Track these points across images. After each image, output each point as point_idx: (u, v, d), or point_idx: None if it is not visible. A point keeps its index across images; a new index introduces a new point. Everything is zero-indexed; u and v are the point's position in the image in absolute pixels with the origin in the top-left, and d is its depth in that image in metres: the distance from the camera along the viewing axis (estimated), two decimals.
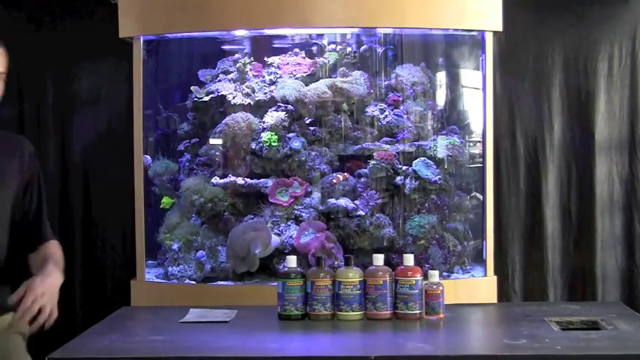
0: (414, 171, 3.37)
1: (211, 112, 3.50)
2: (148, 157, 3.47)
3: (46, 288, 2.03)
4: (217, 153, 3.46)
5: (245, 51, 3.54)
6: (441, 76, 3.59)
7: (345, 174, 3.39)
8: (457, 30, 3.35)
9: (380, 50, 3.50)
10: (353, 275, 2.25)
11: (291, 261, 2.29)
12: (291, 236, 3.30)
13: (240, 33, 3.41)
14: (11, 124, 3.94)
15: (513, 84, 3.81)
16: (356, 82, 3.39)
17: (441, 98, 3.57)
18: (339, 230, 3.33)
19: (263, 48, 3.54)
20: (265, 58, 3.49)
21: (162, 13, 3.23)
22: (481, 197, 3.41)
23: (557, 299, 3.77)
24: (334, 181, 3.36)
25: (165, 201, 3.52)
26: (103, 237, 3.85)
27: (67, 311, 3.74)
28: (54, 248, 2.31)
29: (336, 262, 3.17)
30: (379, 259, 2.29)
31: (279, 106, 3.41)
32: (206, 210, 3.36)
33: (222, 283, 3.29)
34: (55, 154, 3.91)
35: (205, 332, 2.13)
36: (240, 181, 3.37)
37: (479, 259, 3.42)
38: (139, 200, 3.32)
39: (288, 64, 3.46)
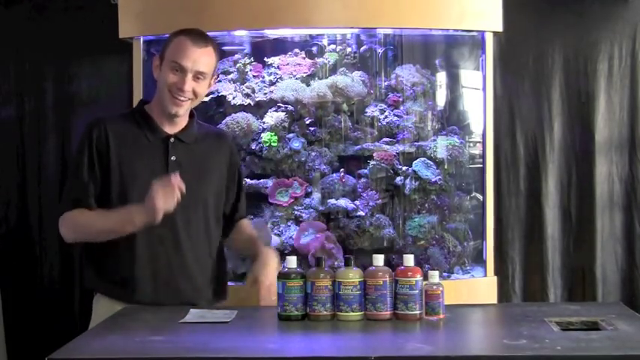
0: (414, 171, 3.37)
1: (211, 112, 3.50)
2: None
3: (273, 278, 2.40)
4: None
5: (245, 51, 3.54)
6: (441, 77, 3.59)
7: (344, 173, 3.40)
8: (457, 30, 3.35)
9: (380, 51, 3.50)
10: (353, 276, 2.24)
11: (291, 261, 2.29)
12: (291, 237, 3.30)
13: (240, 33, 3.42)
14: (11, 124, 3.94)
15: (513, 84, 3.81)
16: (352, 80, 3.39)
17: (441, 99, 3.57)
18: (339, 231, 3.33)
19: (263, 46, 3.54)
20: (265, 59, 3.49)
21: (163, 13, 3.22)
22: (481, 197, 3.41)
23: (557, 299, 3.77)
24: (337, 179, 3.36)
25: None
26: None
27: (66, 311, 3.81)
28: (250, 227, 2.71)
29: (336, 263, 3.17)
30: (379, 259, 2.29)
31: (279, 107, 3.41)
32: None
33: None
34: (55, 154, 3.91)
35: (205, 332, 2.13)
36: None
37: (479, 259, 3.42)
38: None
39: (288, 64, 3.45)
